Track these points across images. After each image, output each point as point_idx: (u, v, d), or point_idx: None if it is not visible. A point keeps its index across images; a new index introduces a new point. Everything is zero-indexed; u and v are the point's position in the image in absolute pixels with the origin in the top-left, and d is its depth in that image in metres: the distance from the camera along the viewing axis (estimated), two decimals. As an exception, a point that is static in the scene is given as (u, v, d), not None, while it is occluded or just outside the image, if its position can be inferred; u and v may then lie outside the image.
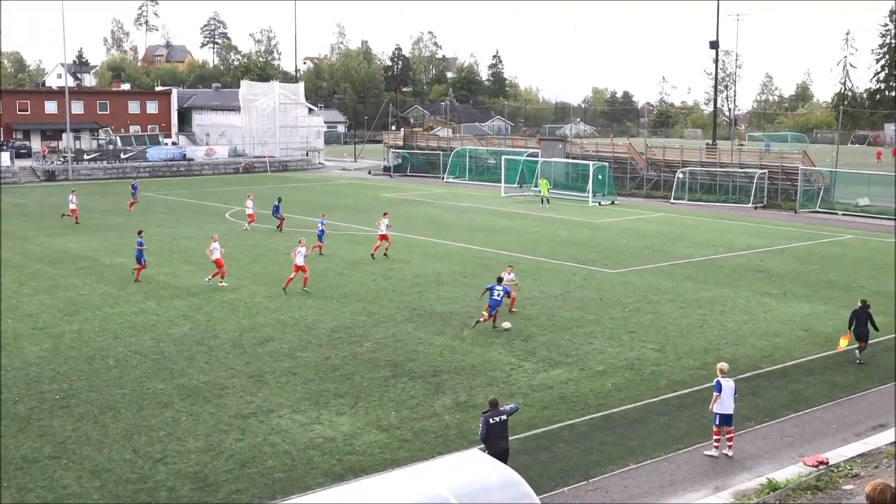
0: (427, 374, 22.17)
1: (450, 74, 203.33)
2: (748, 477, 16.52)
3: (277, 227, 46.12)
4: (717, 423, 17.55)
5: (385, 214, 40.06)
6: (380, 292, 31.43)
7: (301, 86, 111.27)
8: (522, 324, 27.06)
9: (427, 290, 31.74)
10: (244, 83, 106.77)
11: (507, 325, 26.67)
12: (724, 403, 17.43)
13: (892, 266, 37.35)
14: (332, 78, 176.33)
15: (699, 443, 18.06)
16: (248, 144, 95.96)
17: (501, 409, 15.82)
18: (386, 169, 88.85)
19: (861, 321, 23.86)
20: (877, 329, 24.26)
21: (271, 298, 30.41)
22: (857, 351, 23.89)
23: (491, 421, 15.44)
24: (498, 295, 26.39)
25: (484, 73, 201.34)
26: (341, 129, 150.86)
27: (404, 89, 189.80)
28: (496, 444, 15.38)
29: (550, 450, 17.75)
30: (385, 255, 38.43)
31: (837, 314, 28.61)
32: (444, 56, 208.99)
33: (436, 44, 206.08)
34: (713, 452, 17.54)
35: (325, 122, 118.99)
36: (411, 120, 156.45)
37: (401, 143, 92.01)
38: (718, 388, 17.47)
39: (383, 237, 38.71)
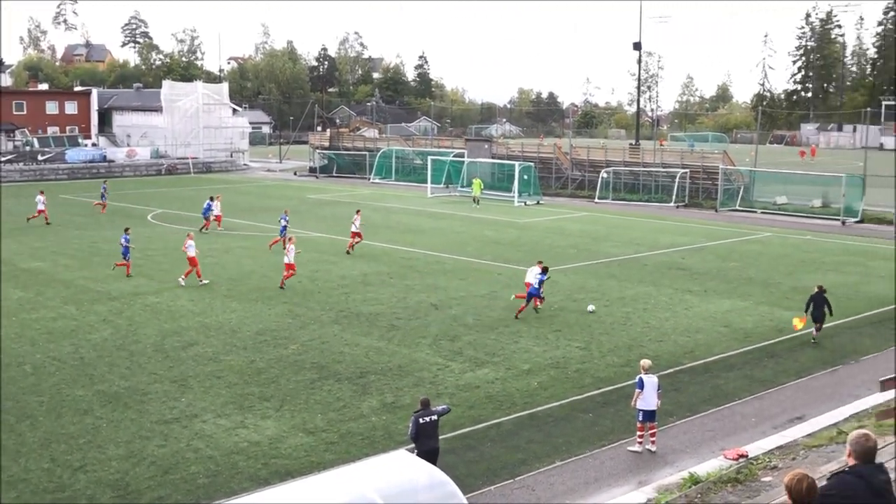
0: (353, 376, 22.09)
1: (376, 75, 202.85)
2: (670, 471, 16.81)
3: (201, 229, 45.45)
4: (640, 419, 17.81)
5: (358, 212, 40.82)
6: (306, 294, 31.22)
7: (225, 86, 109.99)
8: (449, 324, 27.14)
9: (353, 292, 31.62)
10: (166, 83, 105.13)
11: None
12: (647, 400, 17.70)
13: (809, 263, 38.31)
14: (257, 78, 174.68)
15: (623, 439, 18.31)
16: (171, 146, 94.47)
17: (433, 409, 15.87)
18: (312, 170, 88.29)
19: (818, 305, 25.73)
20: (831, 313, 25.89)
21: (195, 302, 29.98)
22: (813, 331, 25.72)
23: (421, 421, 15.47)
24: (537, 282, 28.08)
25: (410, 74, 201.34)
26: (266, 129, 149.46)
27: (330, 90, 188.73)
28: (426, 443, 15.42)
29: (477, 449, 17.83)
30: (348, 251, 39.22)
31: (757, 310, 29.28)
32: (370, 56, 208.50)
33: (362, 44, 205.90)
34: (637, 448, 17.80)
35: (250, 123, 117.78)
36: (337, 121, 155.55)
37: (327, 144, 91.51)
38: (641, 384, 17.74)
39: (356, 234, 39.56)
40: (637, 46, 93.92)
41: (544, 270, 28.60)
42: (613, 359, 23.81)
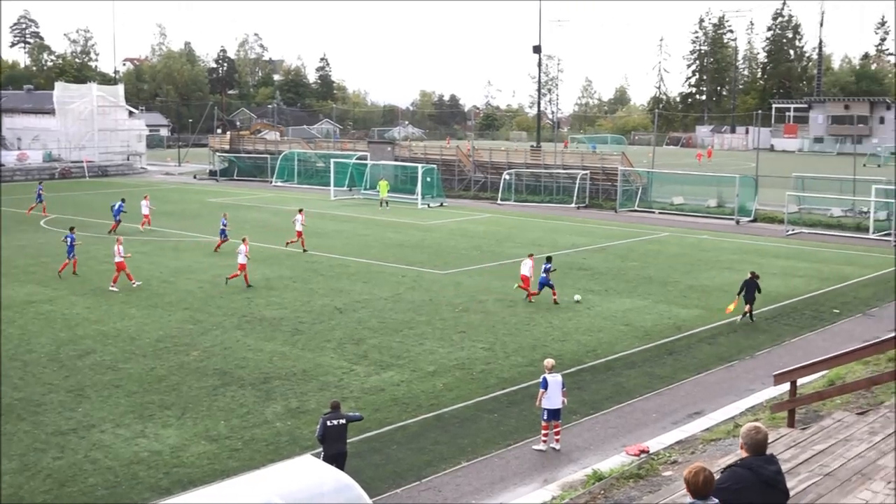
0: (257, 382, 21.80)
1: (277, 77, 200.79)
2: (574, 469, 17.04)
3: (110, 231, 44.41)
4: (545, 418, 18.00)
5: (300, 211, 42.28)
6: (207, 299, 30.70)
7: (120, 88, 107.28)
8: (354, 327, 27.01)
9: (256, 296, 31.23)
10: (59, 85, 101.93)
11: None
12: (552, 399, 17.91)
13: (705, 261, 39.33)
14: (154, 80, 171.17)
15: (528, 438, 18.49)
16: (65, 149, 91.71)
17: (343, 413, 15.82)
18: (212, 173, 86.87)
19: (750, 289, 28.30)
20: (759, 292, 28.54)
21: (91, 309, 29.19)
22: (746, 314, 28.31)
23: (329, 423, 15.40)
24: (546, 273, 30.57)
25: (311, 76, 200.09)
26: (164, 132, 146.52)
27: (230, 92, 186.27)
28: (333, 446, 15.35)
29: (383, 452, 17.78)
30: (287, 245, 40.77)
31: (656, 309, 29.91)
32: (270, 58, 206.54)
33: (262, 46, 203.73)
34: (541, 447, 17.99)
35: (148, 126, 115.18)
36: (238, 123, 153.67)
37: (227, 147, 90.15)
38: (545, 384, 17.93)
39: (299, 233, 41.18)
40: (537, 49, 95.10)
41: (548, 259, 31.27)
42: (518, 359, 24.03)
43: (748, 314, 28.35)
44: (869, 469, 10.82)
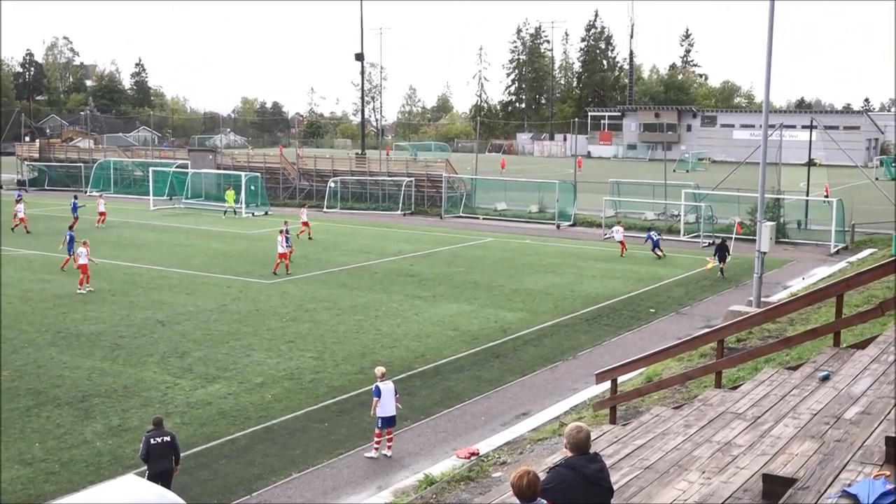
0: (75, 400, 20.87)
1: (89, 82, 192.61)
2: (407, 474, 17.14)
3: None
4: (379, 425, 18.00)
5: (304, 205, 45.87)
6: (17, 315, 29.14)
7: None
8: (178, 340, 26.26)
9: (72, 311, 29.89)
10: None
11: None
12: (385, 406, 17.92)
13: (528, 265, 40.35)
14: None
15: (359, 446, 18.46)
16: None
17: (168, 430, 15.33)
18: (21, 183, 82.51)
19: (721, 250, 37.72)
20: (729, 253, 37.89)
21: None
22: (720, 271, 37.50)
23: (152, 441, 14.90)
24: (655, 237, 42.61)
25: (127, 82, 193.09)
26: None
27: (38, 98, 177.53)
28: (158, 464, 14.87)
29: (211, 467, 17.36)
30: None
31: (482, 313, 30.45)
32: (82, 63, 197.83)
33: (72, 50, 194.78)
34: (373, 454, 18.00)
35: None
36: (48, 130, 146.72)
37: (37, 156, 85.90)
38: (377, 392, 17.93)
39: (306, 224, 44.49)
40: (359, 57, 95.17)
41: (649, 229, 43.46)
42: (347, 367, 23.96)
43: (721, 271, 37.34)
44: (685, 460, 11.35)
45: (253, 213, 60.83)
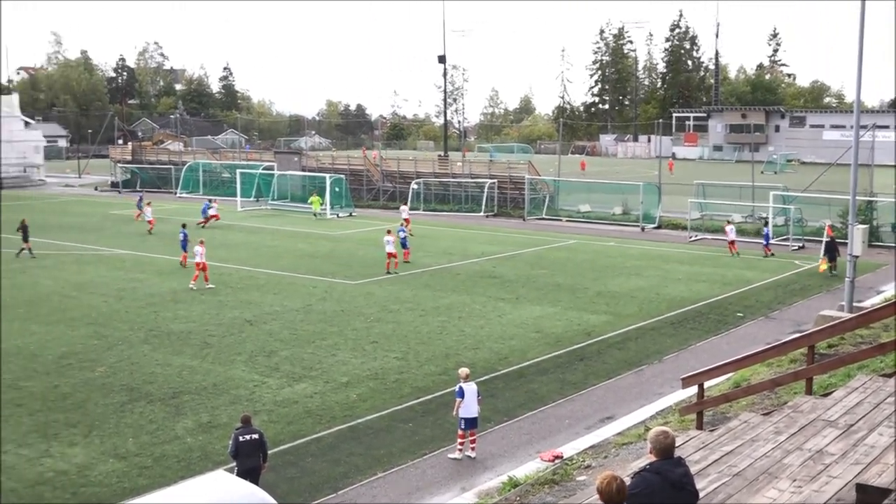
0: (166, 397, 21.40)
1: (178, 86, 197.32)
2: (490, 476, 17.16)
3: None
4: (462, 427, 18.07)
5: (405, 202, 44.45)
6: (112, 314, 30.01)
7: (15, 97, 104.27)
8: (265, 339, 26.72)
9: (163, 310, 30.65)
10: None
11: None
12: (468, 407, 17.99)
13: (612, 268, 40.02)
14: (51, 90, 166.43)
15: (443, 446, 18.55)
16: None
17: (256, 428, 15.61)
18: (114, 185, 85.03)
19: (830, 248, 37.92)
20: (838, 254, 37.10)
21: (-11, 326, 28.25)
22: (829, 269, 37.64)
23: (241, 438, 15.18)
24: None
25: (215, 86, 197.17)
26: (63, 143, 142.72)
27: (130, 102, 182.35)
28: (246, 462, 15.15)
29: (298, 465, 17.64)
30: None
31: (566, 315, 30.30)
32: (171, 67, 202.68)
33: (163, 55, 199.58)
34: (457, 455, 18.06)
35: (45, 137, 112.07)
36: (139, 134, 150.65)
37: (129, 158, 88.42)
38: (461, 393, 18.00)
39: (406, 220, 44.97)
40: (442, 59, 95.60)
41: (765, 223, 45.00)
42: (431, 368, 24.09)
43: (832, 269, 37.48)
44: (775, 468, 11.15)
45: (338, 215, 61.52)
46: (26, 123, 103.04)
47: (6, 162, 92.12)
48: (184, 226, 40.95)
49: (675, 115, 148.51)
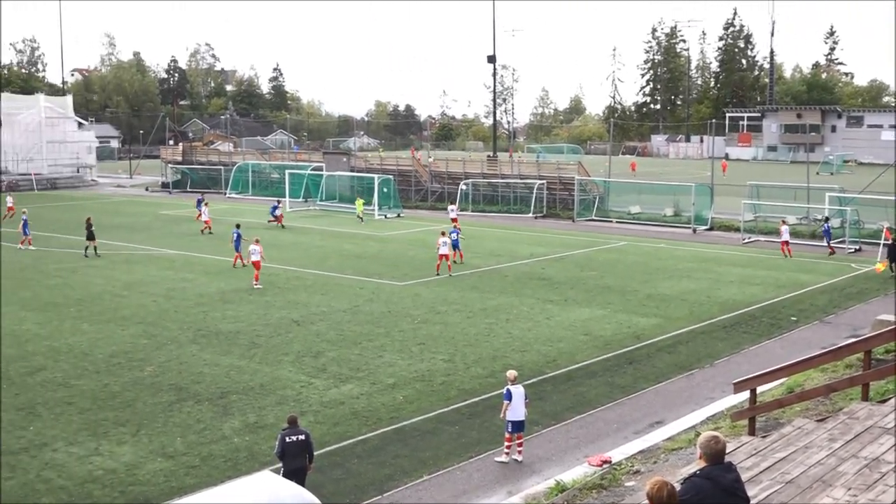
0: (214, 397, 21.60)
1: (229, 87, 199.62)
2: (537, 480, 17.07)
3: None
4: (509, 430, 17.97)
5: (452, 202, 46.41)
6: (161, 314, 30.38)
7: (69, 99, 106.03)
8: (312, 340, 26.86)
9: (212, 310, 30.96)
10: (5, 96, 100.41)
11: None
12: (516, 410, 17.90)
13: (663, 270, 39.66)
14: (104, 91, 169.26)
15: (490, 450, 18.48)
16: (12, 161, 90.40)
17: (303, 429, 15.66)
18: (164, 185, 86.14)
19: (893, 251, 37.98)
20: None
21: (41, 325, 28.74)
22: (892, 268, 37.73)
23: (287, 439, 15.25)
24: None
25: (265, 87, 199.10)
26: (115, 144, 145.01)
27: (182, 102, 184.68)
28: (292, 462, 15.21)
29: (343, 466, 17.68)
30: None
31: (615, 318, 30.07)
32: (222, 69, 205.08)
33: (214, 56, 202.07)
34: (503, 458, 17.99)
35: (98, 137, 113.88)
36: (190, 134, 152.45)
37: (180, 159, 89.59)
38: (509, 396, 17.91)
39: (454, 219, 46.46)
40: (491, 59, 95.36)
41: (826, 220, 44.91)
42: (478, 370, 24.04)
43: (892, 269, 37.51)
44: (829, 476, 10.96)
45: (385, 216, 61.69)
46: (80, 124, 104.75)
47: (60, 162, 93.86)
48: (237, 226, 41.26)
49: (728, 114, 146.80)
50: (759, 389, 17.25)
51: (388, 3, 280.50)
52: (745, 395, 16.98)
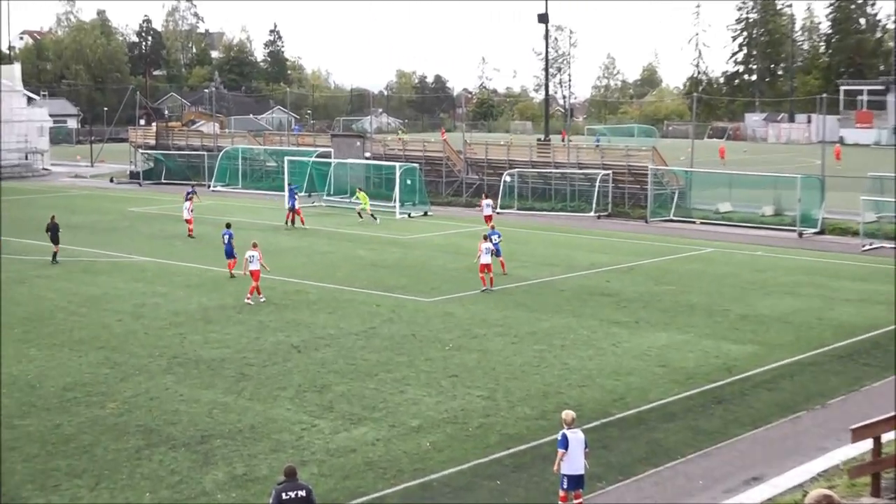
0: (193, 442, 21.61)
1: (215, 54, 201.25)
2: (601, 551, 16.91)
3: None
4: (564, 486, 17.73)
5: (485, 195, 50.05)
6: (128, 336, 30.53)
7: (17, 67, 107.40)
8: (316, 370, 26.87)
9: (190, 332, 31.07)
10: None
11: None
12: (573, 461, 17.63)
13: (761, 284, 39.36)
14: (60, 58, 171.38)
15: (540, 512, 18.36)
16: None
17: (303, 483, 15.56)
18: (133, 175, 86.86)
19: None
20: None
21: (-21, 349, 28.96)
22: None
23: (284, 496, 15.13)
24: None
25: (259, 53, 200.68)
26: (73, 124, 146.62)
27: (156, 73, 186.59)
28: (289, 526, 15.11)
29: (355, 531, 17.62)
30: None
31: (700, 345, 29.84)
32: (207, 31, 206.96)
33: (196, 15, 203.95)
34: (558, 523, 17.84)
35: (51, 116, 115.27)
36: (166, 112, 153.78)
37: (153, 143, 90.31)
38: (564, 443, 17.66)
39: (488, 217, 49.10)
40: (543, 19, 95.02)
41: None
42: (525, 410, 23.91)
43: None
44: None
45: (409, 214, 61.70)
46: (29, 99, 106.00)
47: (4, 147, 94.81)
48: (228, 225, 41.47)
49: (843, 88, 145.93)
50: (885, 438, 17.02)
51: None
52: (867, 444, 16.77)
